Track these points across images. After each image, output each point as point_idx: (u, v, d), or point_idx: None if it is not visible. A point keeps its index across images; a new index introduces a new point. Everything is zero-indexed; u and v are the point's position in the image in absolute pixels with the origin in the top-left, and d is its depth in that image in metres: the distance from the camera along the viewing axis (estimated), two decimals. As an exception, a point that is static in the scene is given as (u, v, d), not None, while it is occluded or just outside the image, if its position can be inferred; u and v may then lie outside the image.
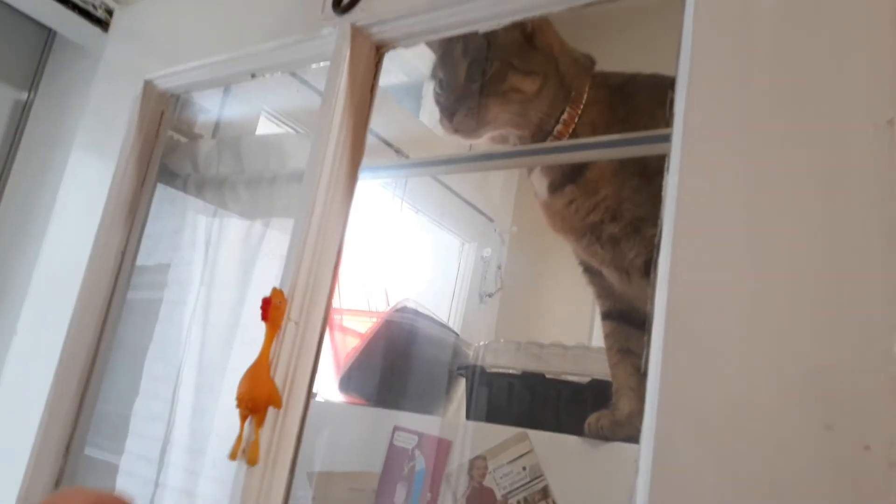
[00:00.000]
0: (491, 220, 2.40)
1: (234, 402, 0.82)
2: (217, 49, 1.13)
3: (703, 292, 0.60)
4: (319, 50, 1.00)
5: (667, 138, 0.70)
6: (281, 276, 0.89)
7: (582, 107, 1.03)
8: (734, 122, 0.63)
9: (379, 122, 1.89)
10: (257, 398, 0.81)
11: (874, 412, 0.51)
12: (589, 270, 1.15)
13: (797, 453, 0.53)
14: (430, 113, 2.33)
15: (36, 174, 1.44)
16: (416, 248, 2.15)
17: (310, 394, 0.88)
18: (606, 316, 1.14)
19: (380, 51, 0.96)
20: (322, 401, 1.32)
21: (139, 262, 1.31)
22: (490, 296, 2.30)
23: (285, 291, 0.87)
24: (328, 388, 1.38)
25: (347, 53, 0.93)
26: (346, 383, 1.35)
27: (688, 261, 0.61)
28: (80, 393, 1.16)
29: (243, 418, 0.82)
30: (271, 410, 0.84)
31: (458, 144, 2.45)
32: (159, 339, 1.38)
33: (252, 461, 0.80)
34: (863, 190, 0.55)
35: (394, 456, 1.19)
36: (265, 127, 1.53)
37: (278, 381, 0.85)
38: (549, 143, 1.01)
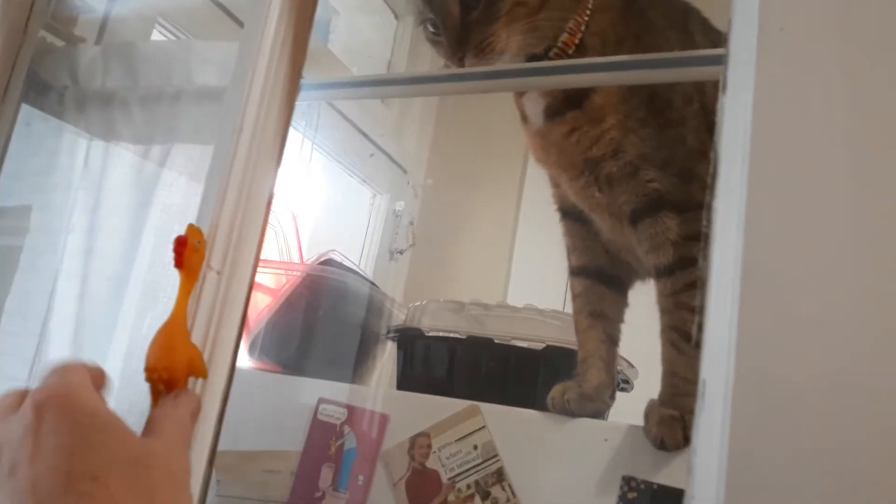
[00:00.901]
0: (405, 171, 2.24)
1: (144, 375, 0.61)
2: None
3: (794, 248, 0.46)
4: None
5: (716, 60, 0.56)
6: (198, 212, 0.69)
7: (589, 12, 0.87)
8: (829, 30, 0.49)
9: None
10: (174, 367, 0.61)
11: None
12: (570, 216, 1.00)
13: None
14: (341, 46, 2.14)
15: None
16: (326, 196, 1.97)
17: (235, 362, 0.70)
18: (580, 272, 1.00)
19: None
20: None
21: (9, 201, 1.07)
22: (401, 252, 2.16)
23: (204, 231, 0.67)
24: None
25: (289, -69, 0.73)
26: (259, 347, 1.16)
27: (770, 207, 0.47)
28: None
29: (155, 394, 0.62)
30: (193, 382, 0.65)
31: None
32: (18, 292, 1.15)
33: None
34: None
35: (318, 432, 1.02)
36: (158, 38, 1.28)
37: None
38: (567, 62, 0.84)
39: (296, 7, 0.73)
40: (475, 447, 0.93)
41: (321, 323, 1.15)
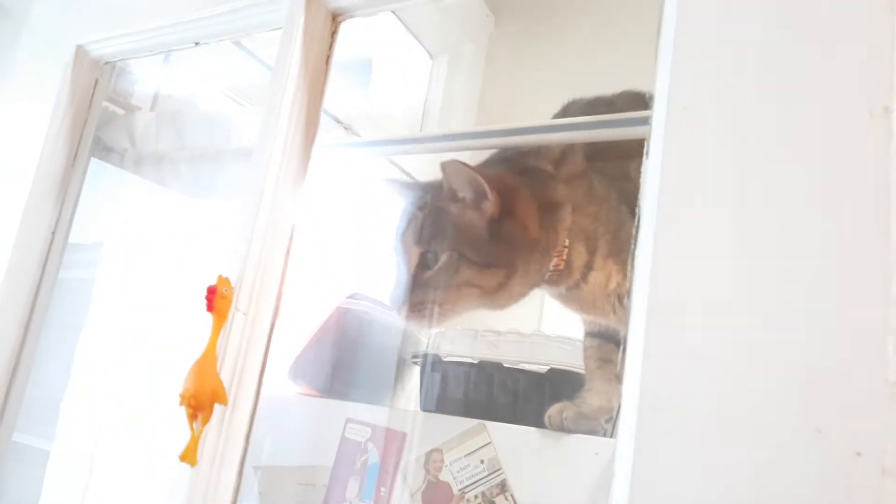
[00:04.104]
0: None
1: (178, 400, 0.75)
2: (158, 12, 1.04)
3: (688, 289, 0.56)
4: (270, 17, 0.93)
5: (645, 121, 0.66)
6: (228, 262, 0.83)
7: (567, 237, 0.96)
8: (721, 109, 0.59)
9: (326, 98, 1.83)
10: (201, 395, 0.75)
11: (867, 416, 0.48)
12: None
13: (786, 458, 0.50)
14: (381, 88, 2.27)
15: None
16: (365, 227, 2.09)
17: (259, 390, 0.83)
18: (591, 335, 1.11)
19: (336, 19, 0.90)
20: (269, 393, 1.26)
21: (72, 239, 1.23)
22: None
23: (232, 280, 0.81)
24: (276, 377, 1.32)
25: (301, 21, 0.86)
26: (296, 372, 1.29)
27: (671, 254, 0.57)
28: (9, 377, 1.07)
29: (190, 417, 0.76)
30: (218, 408, 0.78)
31: (411, 125, 2.38)
32: (91, 321, 1.31)
33: (192, 461, 0.74)
34: (857, 183, 0.52)
35: (346, 449, 1.14)
36: (207, 100, 1.44)
37: (225, 376, 0.79)
38: (525, 125, 0.96)
39: (307, 88, 0.86)
40: (482, 461, 1.04)
41: (349, 351, 1.28)
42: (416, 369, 1.32)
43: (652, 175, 0.61)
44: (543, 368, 1.15)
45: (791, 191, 0.55)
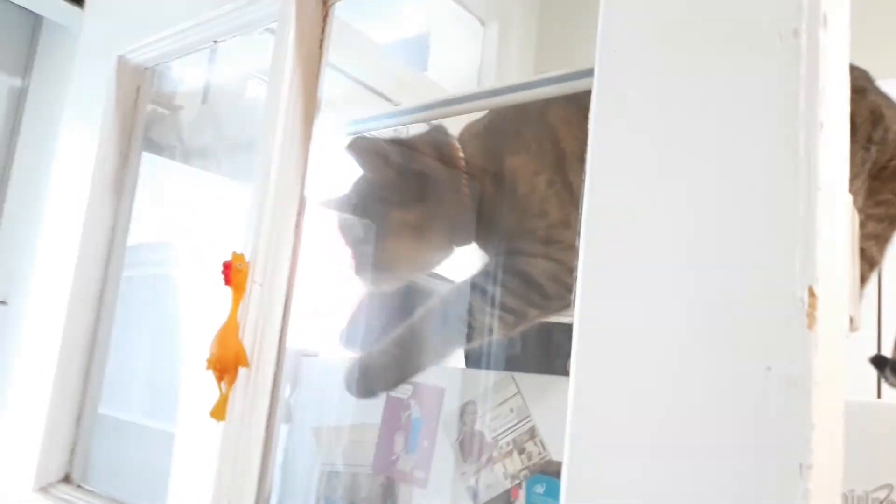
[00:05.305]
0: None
1: (204, 364, 0.84)
2: (180, 18, 1.13)
3: (616, 223, 0.59)
4: (271, 10, 1.00)
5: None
6: (243, 239, 0.91)
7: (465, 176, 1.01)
8: (643, 51, 0.61)
9: (375, 76, 1.88)
10: (225, 359, 0.84)
11: (776, 332, 0.50)
12: None
13: (703, 378, 0.52)
14: (437, 64, 2.32)
15: (37, 160, 1.48)
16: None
17: (281, 352, 0.91)
18: None
19: (327, 4, 0.95)
20: (324, 357, 1.36)
21: (154, 238, 1.35)
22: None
23: (247, 254, 0.89)
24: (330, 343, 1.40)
25: (293, 10, 0.93)
26: (347, 338, 1.37)
27: (602, 193, 0.60)
28: (86, 362, 1.21)
29: (217, 379, 0.85)
30: (242, 370, 0.87)
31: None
32: (186, 313, 1.42)
33: (220, 417, 0.83)
34: (766, 109, 0.53)
35: (391, 407, 1.21)
36: (255, 90, 1.53)
37: (248, 341, 0.87)
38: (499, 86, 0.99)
39: (303, 71, 0.93)
40: (511, 410, 1.08)
41: (395, 313, 1.35)
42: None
43: (592, 116, 0.63)
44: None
45: (705, 115, 0.56)
